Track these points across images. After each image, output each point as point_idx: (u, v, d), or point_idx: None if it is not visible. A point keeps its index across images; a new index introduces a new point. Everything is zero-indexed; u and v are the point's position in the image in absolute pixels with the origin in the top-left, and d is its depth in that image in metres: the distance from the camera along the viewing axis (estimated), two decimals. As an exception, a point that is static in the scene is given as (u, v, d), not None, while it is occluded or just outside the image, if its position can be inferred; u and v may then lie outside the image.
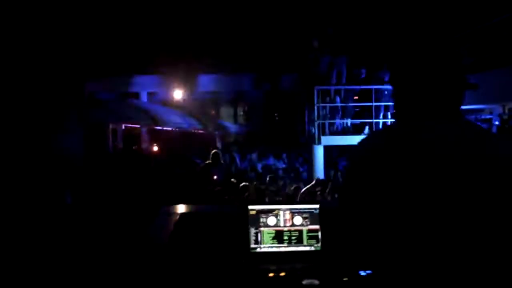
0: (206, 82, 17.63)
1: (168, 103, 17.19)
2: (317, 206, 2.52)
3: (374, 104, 11.03)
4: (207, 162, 9.53)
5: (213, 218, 2.61)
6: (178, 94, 16.96)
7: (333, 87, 11.17)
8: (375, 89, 10.96)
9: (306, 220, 2.50)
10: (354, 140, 11.31)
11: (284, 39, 14.81)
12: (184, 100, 17.26)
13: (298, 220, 2.50)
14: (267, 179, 8.93)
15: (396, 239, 1.24)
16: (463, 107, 1.31)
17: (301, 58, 12.23)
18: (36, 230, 5.01)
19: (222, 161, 9.92)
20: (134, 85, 17.97)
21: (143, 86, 19.07)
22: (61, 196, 6.54)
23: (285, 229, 2.48)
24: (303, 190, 7.85)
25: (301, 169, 12.10)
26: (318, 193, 7.95)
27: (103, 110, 13.44)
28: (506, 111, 11.53)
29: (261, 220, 2.48)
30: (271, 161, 13.38)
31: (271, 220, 2.49)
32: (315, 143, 10.93)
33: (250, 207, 2.49)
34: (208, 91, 18.10)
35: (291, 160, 13.56)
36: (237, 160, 12.83)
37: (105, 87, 16.78)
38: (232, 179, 9.07)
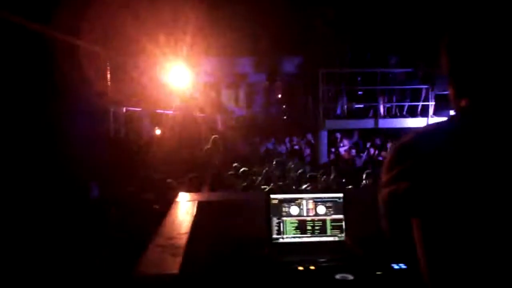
0: (207, 65, 17.45)
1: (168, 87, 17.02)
2: (341, 195, 2.44)
3: (379, 88, 10.94)
4: (207, 147, 9.47)
5: (234, 207, 2.54)
6: (180, 76, 16.77)
7: (337, 71, 11.06)
8: (380, 72, 10.86)
9: (330, 209, 2.42)
10: (358, 124, 11.29)
11: (287, 20, 14.58)
12: (186, 83, 17.04)
13: (321, 209, 2.42)
14: (273, 163, 8.86)
15: (456, 233, 1.12)
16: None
17: (305, 40, 12.07)
18: (63, 225, 4.96)
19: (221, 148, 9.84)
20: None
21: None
22: (87, 190, 6.49)
23: (308, 219, 2.41)
24: (308, 175, 7.78)
25: (304, 154, 12.04)
26: (323, 178, 7.90)
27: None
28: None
29: (284, 209, 2.40)
30: (271, 145, 13.29)
31: (294, 210, 2.41)
32: (319, 127, 10.85)
33: (272, 196, 2.41)
34: (209, 74, 17.94)
35: (293, 143, 13.48)
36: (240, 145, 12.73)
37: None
38: (235, 164, 9.01)
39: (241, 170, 8.02)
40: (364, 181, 7.31)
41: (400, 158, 1.19)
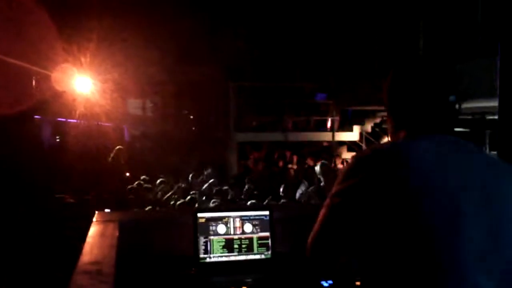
0: (114, 73, 16.84)
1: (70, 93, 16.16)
2: (267, 212, 2.47)
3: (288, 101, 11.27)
4: (110, 158, 9.18)
5: (157, 225, 2.47)
6: (83, 83, 16.00)
7: (247, 84, 11.24)
8: (288, 86, 11.21)
9: (257, 227, 2.44)
10: (268, 137, 11.54)
11: (196, 30, 14.55)
12: (90, 91, 16.30)
13: (248, 227, 2.42)
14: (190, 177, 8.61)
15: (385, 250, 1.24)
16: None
17: (218, 49, 12.11)
18: None
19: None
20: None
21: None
22: None
23: (236, 237, 2.40)
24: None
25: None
26: (232, 192, 7.87)
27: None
28: None
29: (211, 228, 2.38)
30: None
31: (221, 228, 2.39)
32: (230, 140, 10.93)
33: (199, 214, 2.37)
34: (117, 82, 17.32)
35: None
36: None
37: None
38: (143, 176, 8.72)
39: (159, 181, 7.85)
40: (281, 193, 7.40)
41: (351, 173, 1.32)
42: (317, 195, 5.36)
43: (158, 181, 8.30)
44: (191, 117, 20.36)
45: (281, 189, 7.18)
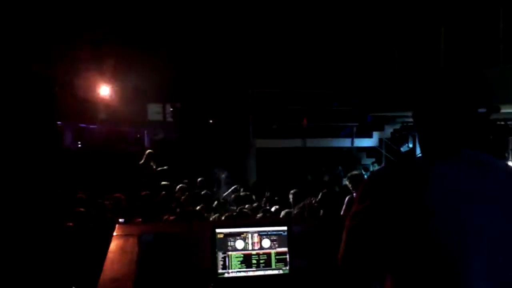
0: (134, 77, 17.02)
1: (92, 99, 16.41)
2: (285, 228, 2.47)
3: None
4: (141, 162, 9.20)
5: (178, 241, 2.49)
6: (104, 89, 16.24)
7: (268, 90, 11.26)
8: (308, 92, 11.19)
9: (275, 242, 2.45)
10: (287, 143, 11.53)
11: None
12: (111, 96, 16.51)
13: (266, 243, 2.44)
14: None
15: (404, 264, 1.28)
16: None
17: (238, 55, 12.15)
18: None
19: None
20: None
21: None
22: None
23: (254, 252, 2.41)
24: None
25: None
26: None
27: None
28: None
29: (229, 243, 2.39)
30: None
31: (239, 244, 2.41)
32: (250, 146, 10.95)
33: (217, 230, 2.39)
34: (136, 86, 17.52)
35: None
36: None
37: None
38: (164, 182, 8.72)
39: (179, 186, 7.83)
40: (290, 200, 7.31)
41: (364, 196, 1.35)
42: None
43: (178, 186, 8.31)
44: (211, 121, 20.46)
45: (290, 196, 6.94)
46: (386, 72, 10.59)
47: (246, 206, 6.76)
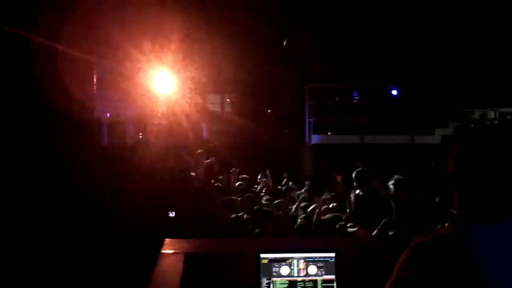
0: (192, 71, 17.28)
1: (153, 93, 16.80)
2: (332, 254, 2.39)
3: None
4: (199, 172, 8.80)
5: (223, 262, 2.48)
6: (164, 82, 16.59)
7: (324, 85, 11.08)
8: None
9: (321, 269, 2.37)
10: (344, 139, 11.28)
11: (273, 33, 14.53)
12: (170, 89, 16.85)
13: (312, 269, 2.36)
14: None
15: None
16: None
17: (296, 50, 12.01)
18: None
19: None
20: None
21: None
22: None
23: (299, 279, 2.35)
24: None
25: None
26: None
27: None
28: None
29: (274, 269, 2.34)
30: None
31: (284, 270, 2.35)
32: (306, 142, 10.84)
33: (262, 255, 2.35)
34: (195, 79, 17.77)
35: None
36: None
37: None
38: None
39: (238, 183, 7.74)
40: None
41: (410, 263, 1.25)
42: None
43: (237, 183, 8.31)
44: (269, 111, 20.35)
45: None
46: (451, 66, 10.10)
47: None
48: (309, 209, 6.37)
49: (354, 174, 5.69)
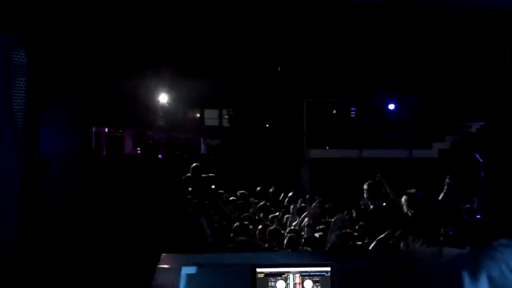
0: (191, 86, 17.31)
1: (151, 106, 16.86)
2: (328, 268, 2.38)
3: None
4: (187, 175, 8.77)
5: (219, 277, 2.48)
6: (163, 97, 16.65)
7: (322, 99, 11.12)
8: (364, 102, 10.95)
9: (317, 284, 2.36)
10: (342, 153, 11.31)
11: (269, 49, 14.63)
12: (168, 103, 16.90)
13: (308, 284, 2.35)
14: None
15: None
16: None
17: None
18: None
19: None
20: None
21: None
22: None
23: (295, 294, 2.34)
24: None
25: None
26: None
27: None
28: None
29: (270, 284, 2.33)
30: None
31: (280, 284, 2.34)
32: (304, 156, 10.84)
33: (258, 269, 2.34)
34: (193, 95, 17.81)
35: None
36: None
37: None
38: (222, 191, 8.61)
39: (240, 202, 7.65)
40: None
41: None
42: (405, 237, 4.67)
43: (231, 198, 8.30)
44: (267, 125, 20.39)
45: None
46: (448, 80, 10.17)
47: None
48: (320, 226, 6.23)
49: (366, 186, 5.48)
